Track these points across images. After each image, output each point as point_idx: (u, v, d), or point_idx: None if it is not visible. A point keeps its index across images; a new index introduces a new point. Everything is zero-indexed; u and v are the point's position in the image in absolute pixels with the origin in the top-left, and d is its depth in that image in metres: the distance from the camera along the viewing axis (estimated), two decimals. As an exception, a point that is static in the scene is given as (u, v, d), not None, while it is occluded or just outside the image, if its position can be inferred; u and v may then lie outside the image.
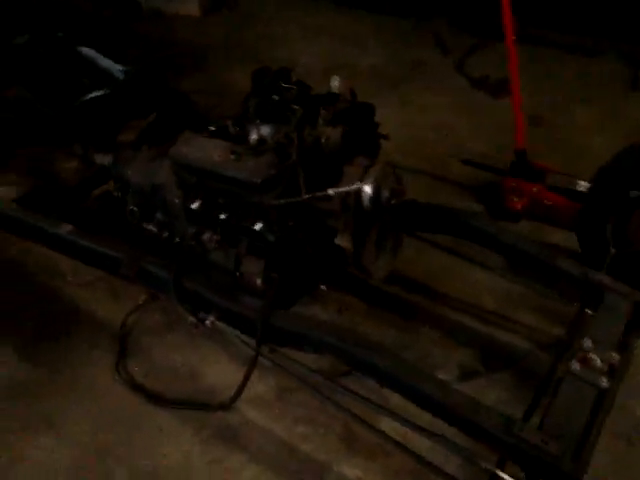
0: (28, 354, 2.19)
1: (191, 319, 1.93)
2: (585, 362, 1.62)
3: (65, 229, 2.16)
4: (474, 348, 2.18)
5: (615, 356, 1.64)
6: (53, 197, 2.46)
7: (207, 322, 1.89)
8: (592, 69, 3.85)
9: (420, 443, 1.68)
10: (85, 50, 2.95)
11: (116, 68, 2.85)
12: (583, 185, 2.53)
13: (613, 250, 2.13)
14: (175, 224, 2.05)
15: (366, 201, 1.74)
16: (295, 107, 1.79)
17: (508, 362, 2.12)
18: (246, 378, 1.81)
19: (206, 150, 1.80)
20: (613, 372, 1.62)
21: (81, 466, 1.86)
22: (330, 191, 1.66)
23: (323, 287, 2.13)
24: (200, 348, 2.17)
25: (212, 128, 1.94)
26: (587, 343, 1.67)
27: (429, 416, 1.53)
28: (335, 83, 1.96)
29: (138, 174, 2.14)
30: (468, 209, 2.78)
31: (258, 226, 1.80)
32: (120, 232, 2.31)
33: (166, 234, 2.12)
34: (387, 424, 1.72)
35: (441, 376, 2.06)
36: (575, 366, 1.61)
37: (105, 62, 2.89)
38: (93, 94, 2.56)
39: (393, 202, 1.76)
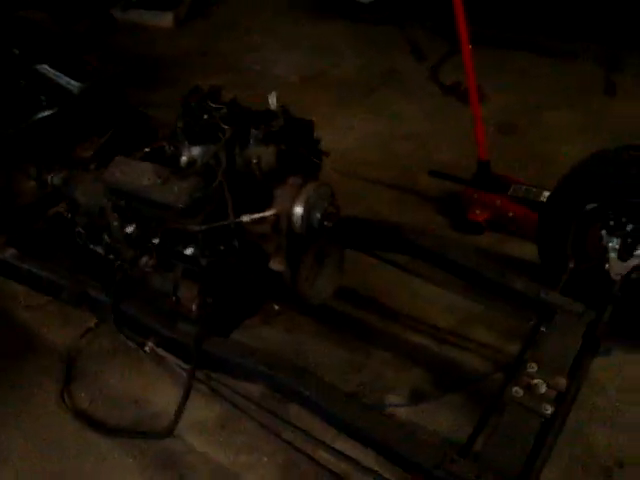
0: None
1: (131, 344, 1.90)
2: (529, 388, 1.56)
3: (8, 253, 2.13)
4: (427, 369, 2.12)
5: (562, 381, 1.57)
6: (4, 218, 2.41)
7: (146, 348, 1.85)
8: (568, 73, 3.77)
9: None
10: (42, 67, 2.93)
11: (74, 85, 2.82)
12: (547, 196, 2.47)
13: (571, 265, 2.06)
14: (118, 247, 2.02)
15: (297, 223, 1.69)
16: (225, 127, 1.74)
17: (461, 384, 2.05)
18: (181, 405, 1.75)
19: (135, 174, 1.76)
20: (560, 398, 1.56)
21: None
22: (245, 217, 1.61)
23: (277, 307, 2.09)
24: (146, 374, 2.13)
25: (147, 150, 1.91)
26: (532, 368, 1.60)
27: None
28: (272, 100, 1.91)
29: (85, 195, 2.10)
30: (429, 223, 2.73)
31: (189, 251, 1.76)
32: (69, 254, 2.29)
33: (111, 257, 2.08)
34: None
35: (392, 399, 2.02)
36: (518, 393, 1.54)
37: (62, 79, 2.86)
38: (44, 112, 2.53)
39: (326, 224, 1.70)
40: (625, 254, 1.94)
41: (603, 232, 1.97)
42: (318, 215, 1.69)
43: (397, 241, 2.05)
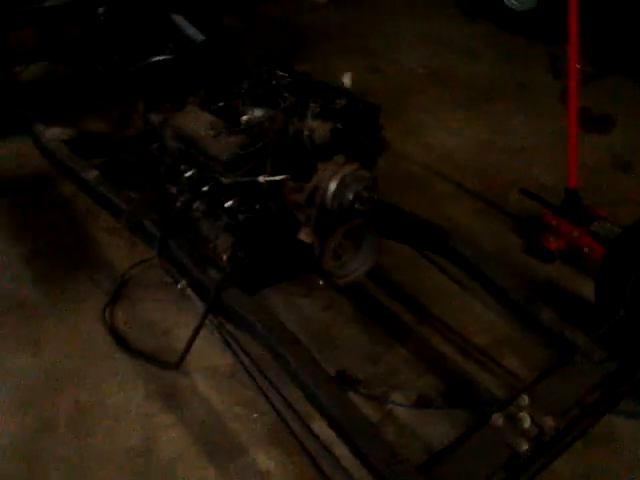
0: (38, 275, 2.42)
1: (168, 279, 2.04)
2: (512, 420, 1.50)
3: (92, 174, 2.34)
4: (442, 379, 2.08)
5: (550, 422, 1.48)
6: (99, 145, 2.65)
7: (179, 285, 1.97)
8: None
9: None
10: (177, 17, 3.15)
11: (199, 37, 3.01)
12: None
13: (622, 311, 1.92)
14: (182, 189, 2.15)
15: (328, 199, 1.72)
16: (286, 95, 1.80)
17: (470, 403, 1.99)
18: (189, 342, 1.88)
19: (197, 123, 1.87)
20: (541, 438, 1.48)
21: (38, 389, 2.03)
22: (261, 178, 1.66)
23: (321, 282, 2.14)
24: (182, 311, 2.26)
25: (220, 104, 2.01)
26: (523, 401, 1.53)
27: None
28: (347, 80, 1.94)
29: (172, 137, 2.26)
30: (500, 240, 2.64)
31: (229, 203, 1.85)
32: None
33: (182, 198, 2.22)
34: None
35: (396, 396, 2.00)
36: (498, 421, 1.48)
37: (190, 30, 3.07)
38: (163, 56, 2.73)
39: (357, 206, 1.71)
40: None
41: None
42: (350, 196, 1.70)
43: (436, 243, 2.01)
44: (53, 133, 2.60)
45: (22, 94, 3.03)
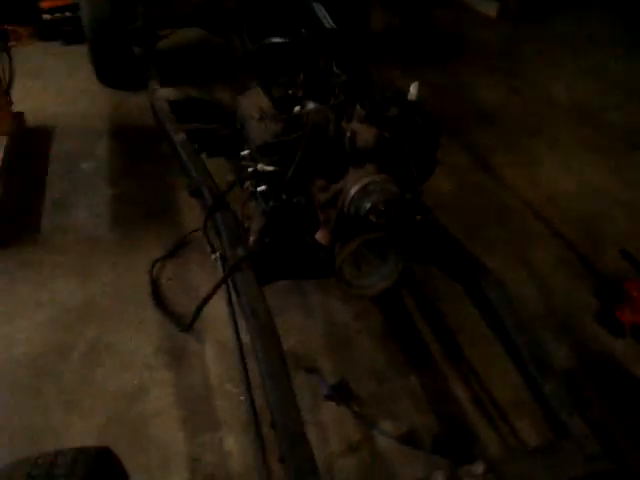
0: (116, 217, 2.66)
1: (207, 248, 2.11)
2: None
3: (179, 136, 2.48)
4: (441, 422, 1.94)
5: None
6: (199, 110, 2.79)
7: (212, 256, 2.04)
8: None
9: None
10: (317, 5, 3.21)
11: (328, 22, 3.04)
12: None
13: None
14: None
15: (347, 204, 1.67)
16: (338, 93, 1.77)
17: (456, 455, 1.84)
18: (198, 310, 1.94)
19: (252, 105, 1.90)
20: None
21: (71, 315, 2.22)
22: (259, 165, 1.65)
23: None
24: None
25: (289, 92, 2.02)
26: (478, 467, 1.40)
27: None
28: (413, 90, 1.87)
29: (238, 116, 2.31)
30: (577, 299, 2.39)
31: (261, 188, 1.86)
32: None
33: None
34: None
35: (385, 424, 1.92)
36: (436, 478, 1.38)
37: (324, 19, 3.10)
38: (274, 39, 2.80)
39: (371, 217, 1.65)
40: None
41: None
42: (367, 205, 1.64)
43: (464, 275, 1.88)
44: (162, 93, 2.79)
45: (151, 53, 3.27)
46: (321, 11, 3.19)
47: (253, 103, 1.94)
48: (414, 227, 1.97)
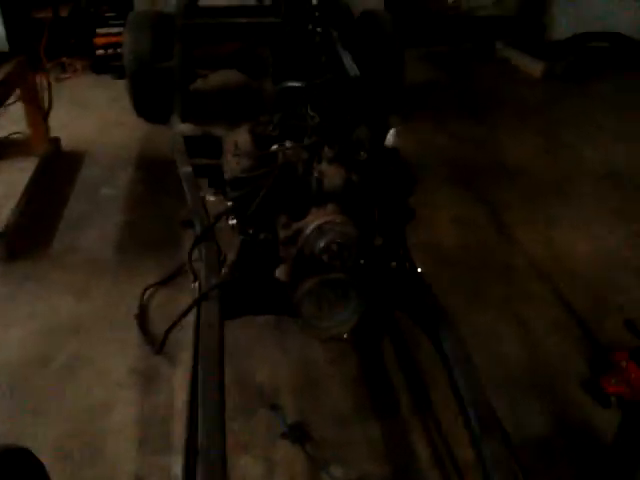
0: (122, 240, 2.79)
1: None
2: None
3: (185, 169, 2.58)
4: (395, 474, 1.90)
5: None
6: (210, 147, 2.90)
7: (192, 285, 2.10)
8: None
9: None
10: (342, 51, 3.31)
11: (352, 70, 3.13)
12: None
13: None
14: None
15: (302, 242, 1.70)
16: (312, 135, 1.83)
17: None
18: (166, 333, 2.03)
19: (232, 142, 1.98)
20: None
21: (58, 329, 2.32)
22: (208, 196, 1.70)
23: (346, 335, 2.12)
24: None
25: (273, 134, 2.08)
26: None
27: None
28: (390, 137, 1.90)
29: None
30: (568, 364, 2.30)
31: (232, 222, 1.91)
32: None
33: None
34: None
35: (335, 470, 1.89)
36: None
37: (352, 68, 3.18)
38: (291, 83, 2.89)
39: (323, 257, 1.67)
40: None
41: None
42: (321, 244, 1.67)
43: (426, 323, 1.86)
44: (180, 127, 2.93)
45: (183, 90, 3.43)
46: (347, 59, 3.29)
47: (234, 140, 2.02)
48: (388, 274, 1.98)
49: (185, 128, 2.93)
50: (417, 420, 2.07)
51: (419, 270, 2.07)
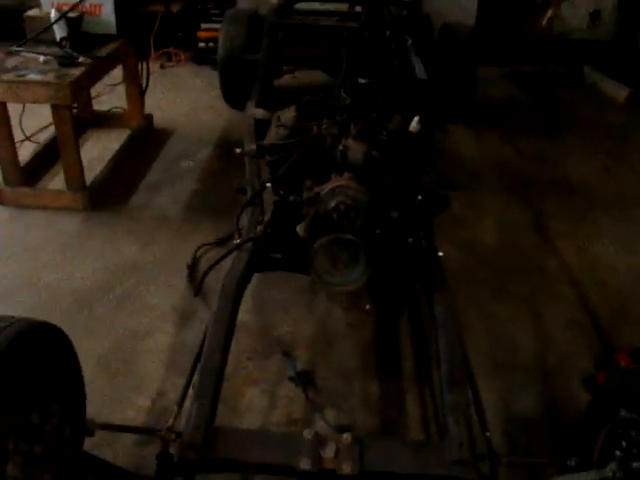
0: (189, 205, 3.16)
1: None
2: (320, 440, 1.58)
3: (249, 147, 2.85)
4: (383, 426, 2.09)
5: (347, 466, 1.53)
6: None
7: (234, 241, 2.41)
8: None
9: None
10: (414, 59, 3.53)
11: (419, 73, 3.35)
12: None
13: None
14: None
15: (318, 202, 1.95)
16: (340, 113, 2.08)
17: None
18: (202, 277, 2.35)
19: (278, 115, 2.26)
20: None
21: (123, 267, 2.70)
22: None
23: (368, 306, 2.37)
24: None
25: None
26: (348, 437, 1.58)
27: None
28: (414, 124, 2.12)
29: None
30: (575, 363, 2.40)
31: (268, 185, 2.19)
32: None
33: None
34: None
35: (328, 413, 2.10)
36: (309, 434, 1.59)
37: (419, 68, 3.41)
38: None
39: (334, 216, 1.91)
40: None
41: None
42: (332, 204, 1.91)
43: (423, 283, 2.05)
44: (253, 111, 3.25)
45: (266, 82, 3.74)
46: (418, 64, 3.52)
47: (278, 114, 2.30)
48: (404, 248, 2.19)
49: (257, 112, 3.26)
50: (415, 385, 2.25)
51: (440, 254, 2.28)
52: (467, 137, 4.14)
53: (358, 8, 4.65)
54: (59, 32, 2.99)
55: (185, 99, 4.34)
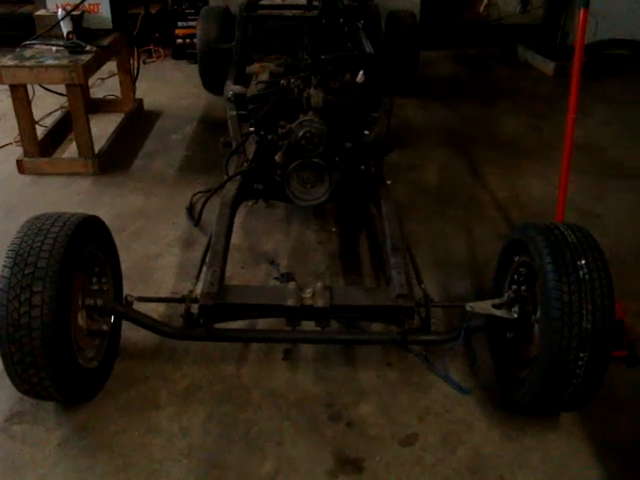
0: (182, 167, 3.74)
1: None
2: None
3: (231, 112, 3.53)
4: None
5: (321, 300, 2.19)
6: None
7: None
8: None
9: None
10: (365, 41, 4.19)
11: (367, 49, 4.00)
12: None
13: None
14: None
15: (290, 133, 2.57)
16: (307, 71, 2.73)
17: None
18: (202, 207, 2.96)
19: (257, 74, 2.90)
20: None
21: (131, 213, 3.30)
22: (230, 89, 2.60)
23: (334, 228, 3.03)
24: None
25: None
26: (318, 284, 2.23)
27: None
28: (360, 76, 2.76)
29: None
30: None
31: (251, 129, 2.81)
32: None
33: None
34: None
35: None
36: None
37: (368, 48, 4.06)
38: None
39: (303, 143, 2.53)
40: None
41: None
42: (300, 133, 2.53)
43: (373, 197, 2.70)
44: (231, 87, 3.87)
45: (239, 67, 4.38)
46: (367, 43, 4.17)
47: (259, 75, 2.94)
48: (358, 173, 2.83)
49: (235, 88, 3.88)
50: (373, 280, 2.88)
51: (388, 182, 2.94)
52: (414, 107, 4.82)
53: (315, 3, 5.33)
54: (66, 27, 3.58)
55: (168, 88, 4.96)
